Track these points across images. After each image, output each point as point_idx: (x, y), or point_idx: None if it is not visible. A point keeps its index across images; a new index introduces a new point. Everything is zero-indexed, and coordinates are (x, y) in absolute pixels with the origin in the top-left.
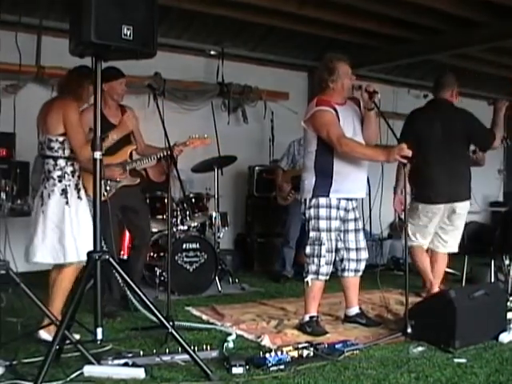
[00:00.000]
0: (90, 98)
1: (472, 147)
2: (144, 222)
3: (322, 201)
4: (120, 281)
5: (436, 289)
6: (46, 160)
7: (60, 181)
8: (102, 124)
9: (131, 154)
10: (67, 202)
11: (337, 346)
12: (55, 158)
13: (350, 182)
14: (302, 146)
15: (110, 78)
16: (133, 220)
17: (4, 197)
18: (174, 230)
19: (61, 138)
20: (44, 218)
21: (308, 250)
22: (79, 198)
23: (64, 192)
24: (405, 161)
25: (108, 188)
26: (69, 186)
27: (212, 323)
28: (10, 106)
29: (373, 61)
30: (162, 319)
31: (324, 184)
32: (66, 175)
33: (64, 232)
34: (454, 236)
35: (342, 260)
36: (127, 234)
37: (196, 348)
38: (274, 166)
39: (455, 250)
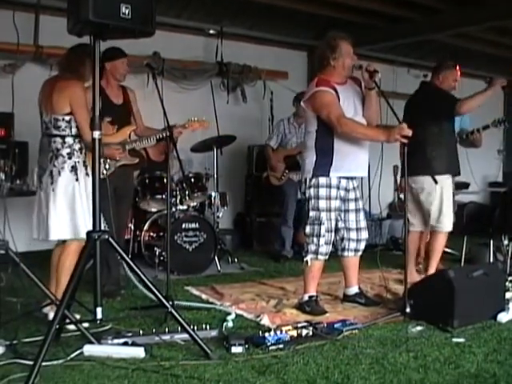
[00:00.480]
0: (91, 76)
1: (469, 128)
2: (123, 211)
3: (322, 180)
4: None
5: (414, 275)
6: (53, 139)
7: (70, 158)
8: (105, 103)
9: (130, 134)
10: (77, 179)
11: (336, 326)
12: (63, 137)
13: (350, 161)
14: (291, 124)
15: (114, 57)
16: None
17: (3, 177)
18: (174, 209)
19: (67, 118)
20: (54, 196)
21: (308, 229)
22: (87, 174)
23: (74, 169)
24: (405, 140)
25: (107, 166)
26: (78, 162)
27: (211, 303)
28: (8, 85)
29: (373, 40)
30: (162, 299)
31: (324, 163)
32: (75, 152)
33: (75, 209)
34: (425, 214)
35: (342, 239)
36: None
37: (195, 327)
38: (264, 146)
39: (433, 228)
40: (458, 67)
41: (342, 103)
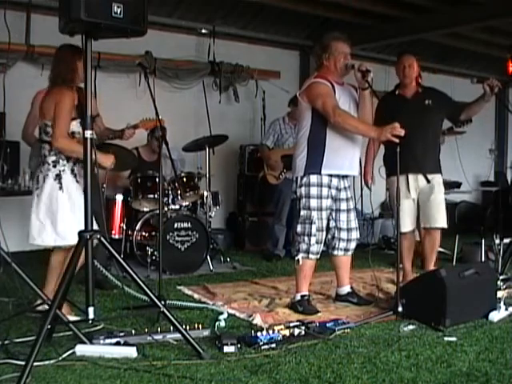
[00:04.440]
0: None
1: None
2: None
3: (314, 179)
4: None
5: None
6: (43, 145)
7: (54, 166)
8: None
9: None
10: (60, 187)
11: (328, 325)
12: (51, 143)
13: (341, 157)
14: (287, 125)
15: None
16: None
17: None
18: (166, 209)
19: None
20: (38, 202)
21: (299, 228)
22: (77, 181)
23: (58, 177)
24: (396, 140)
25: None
26: (63, 171)
27: (204, 302)
28: None
29: (365, 39)
30: (154, 298)
31: (316, 160)
32: (61, 160)
33: (56, 217)
34: None
35: (332, 238)
36: (118, 213)
37: (188, 327)
38: (260, 146)
39: None
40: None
41: (337, 99)
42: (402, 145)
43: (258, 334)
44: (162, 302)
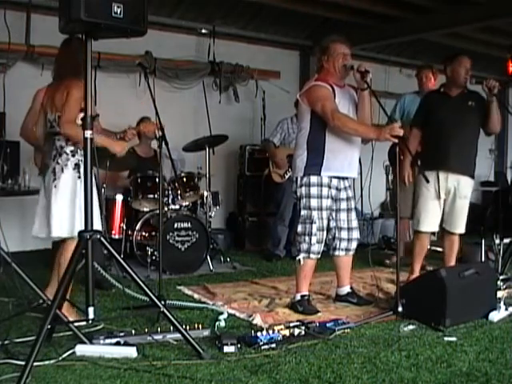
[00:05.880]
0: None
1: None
2: None
3: (314, 179)
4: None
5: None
6: (58, 136)
7: (73, 155)
8: None
9: None
10: (79, 177)
11: (328, 325)
12: None
13: (341, 160)
14: (295, 124)
15: None
16: None
17: None
18: (166, 209)
19: None
20: (56, 193)
21: (299, 228)
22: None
23: (77, 166)
24: (396, 140)
25: None
26: (81, 160)
27: (204, 302)
28: None
29: (365, 40)
30: (154, 298)
31: (316, 162)
32: (79, 150)
33: (74, 206)
34: None
35: (333, 239)
36: (118, 213)
37: (188, 327)
38: (264, 143)
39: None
40: None
41: (336, 102)
42: (438, 140)
43: (258, 334)
44: (162, 302)
